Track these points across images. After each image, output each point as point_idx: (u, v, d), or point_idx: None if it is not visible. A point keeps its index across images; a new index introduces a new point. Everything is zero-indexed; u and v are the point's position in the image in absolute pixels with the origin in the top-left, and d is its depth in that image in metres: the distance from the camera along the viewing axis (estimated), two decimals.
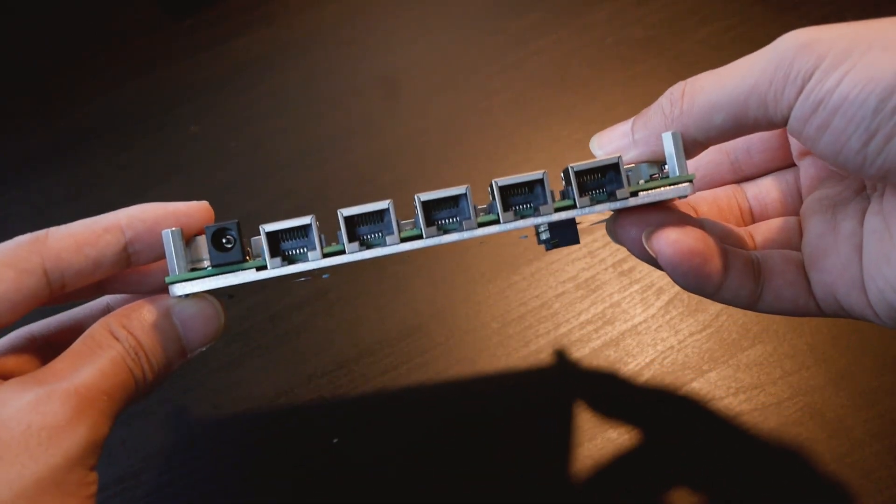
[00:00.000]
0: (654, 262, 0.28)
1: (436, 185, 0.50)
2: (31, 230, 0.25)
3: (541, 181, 0.26)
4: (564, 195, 0.27)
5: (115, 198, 0.51)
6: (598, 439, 0.40)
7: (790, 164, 0.33)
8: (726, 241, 0.30)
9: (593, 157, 0.29)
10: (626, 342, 0.43)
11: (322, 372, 0.43)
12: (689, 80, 0.27)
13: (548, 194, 0.26)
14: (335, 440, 0.41)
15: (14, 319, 0.24)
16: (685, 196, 0.27)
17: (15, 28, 0.60)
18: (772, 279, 0.29)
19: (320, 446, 0.41)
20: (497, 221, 0.26)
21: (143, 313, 0.26)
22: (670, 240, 0.27)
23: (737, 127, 0.26)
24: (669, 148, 0.27)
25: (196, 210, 0.27)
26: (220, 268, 0.26)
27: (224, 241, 0.26)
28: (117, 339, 0.25)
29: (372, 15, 0.58)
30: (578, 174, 0.26)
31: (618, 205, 0.26)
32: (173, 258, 0.25)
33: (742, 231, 0.31)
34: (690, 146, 0.27)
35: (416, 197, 0.26)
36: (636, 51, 0.55)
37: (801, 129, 0.24)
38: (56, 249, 0.25)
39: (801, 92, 0.24)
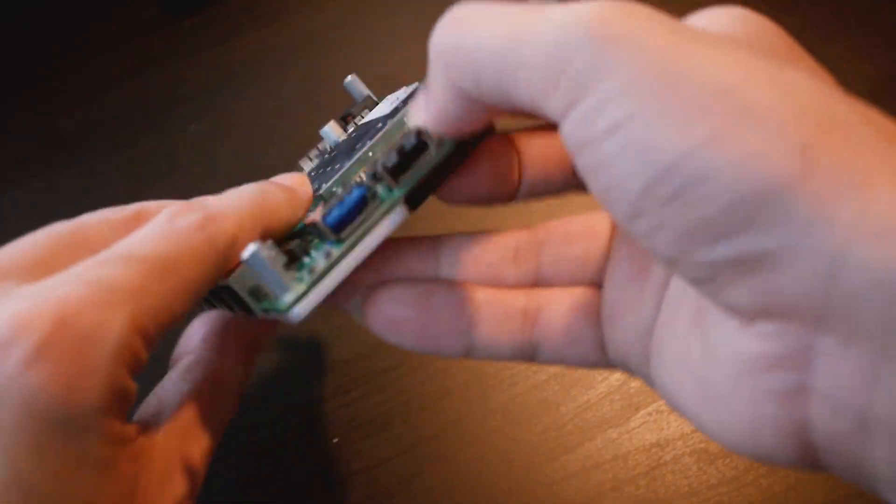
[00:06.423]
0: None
1: None
2: (32, 230, 0.24)
3: None
4: None
5: (116, 198, 0.51)
6: (598, 436, 0.40)
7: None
8: None
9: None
10: None
11: (322, 372, 0.43)
12: None
13: None
14: (335, 440, 0.41)
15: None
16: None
17: (15, 28, 0.60)
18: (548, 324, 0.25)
19: (320, 446, 0.41)
20: None
21: None
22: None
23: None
24: None
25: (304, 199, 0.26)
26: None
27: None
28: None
29: (372, 15, 0.58)
30: None
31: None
32: (276, 278, 0.21)
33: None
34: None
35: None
36: None
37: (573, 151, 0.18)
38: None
39: (571, 107, 0.17)
